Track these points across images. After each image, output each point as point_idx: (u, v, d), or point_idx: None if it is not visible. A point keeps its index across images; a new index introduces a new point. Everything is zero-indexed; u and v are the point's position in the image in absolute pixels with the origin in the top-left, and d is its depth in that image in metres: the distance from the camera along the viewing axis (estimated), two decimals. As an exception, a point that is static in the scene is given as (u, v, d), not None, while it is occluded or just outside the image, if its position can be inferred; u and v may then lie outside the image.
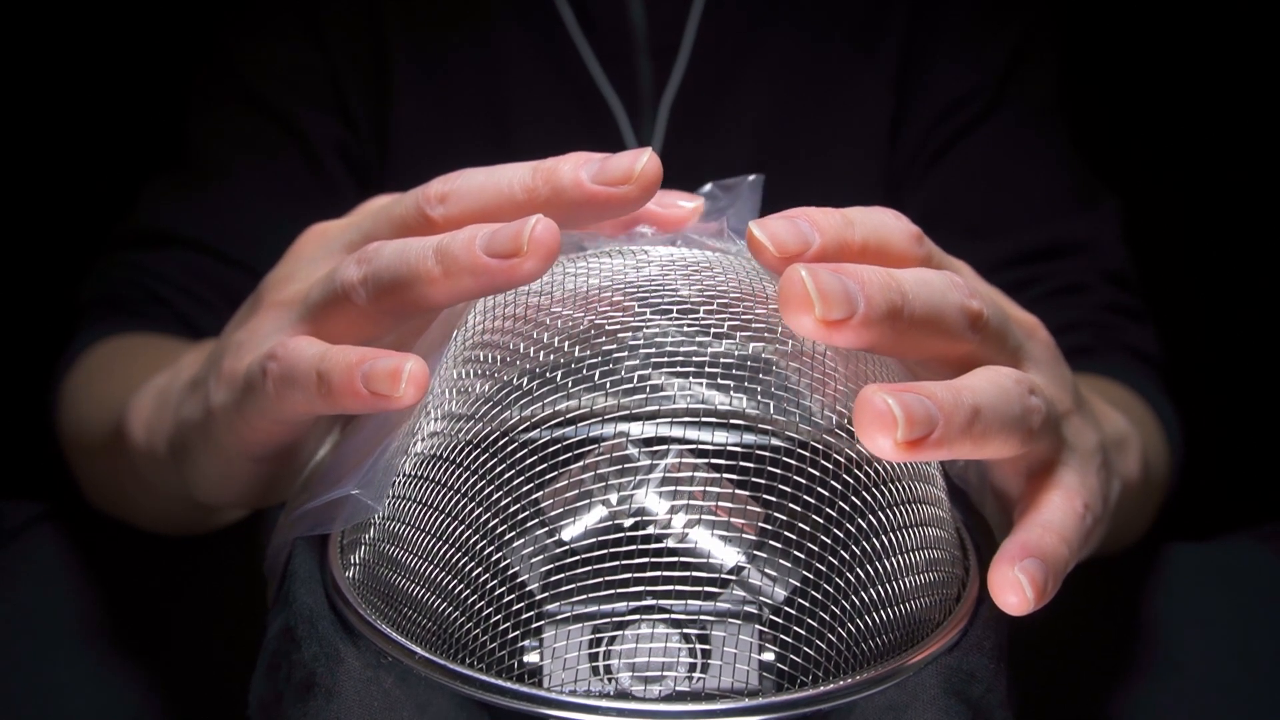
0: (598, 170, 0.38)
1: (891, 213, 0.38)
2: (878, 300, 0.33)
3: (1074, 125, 0.78)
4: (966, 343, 0.37)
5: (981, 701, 0.35)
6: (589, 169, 0.38)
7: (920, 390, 0.33)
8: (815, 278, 0.32)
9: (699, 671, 0.34)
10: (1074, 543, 0.37)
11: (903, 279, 0.34)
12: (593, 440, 0.35)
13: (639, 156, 0.37)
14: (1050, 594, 0.36)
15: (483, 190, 0.39)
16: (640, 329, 0.36)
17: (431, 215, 0.39)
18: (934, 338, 0.36)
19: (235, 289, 0.69)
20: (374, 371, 0.35)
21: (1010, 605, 0.35)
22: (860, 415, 0.32)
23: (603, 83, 0.74)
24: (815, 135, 0.76)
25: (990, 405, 0.34)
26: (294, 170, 0.73)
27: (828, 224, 0.36)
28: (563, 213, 0.38)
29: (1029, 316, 0.42)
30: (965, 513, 0.42)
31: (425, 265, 0.36)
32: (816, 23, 0.76)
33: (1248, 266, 1.07)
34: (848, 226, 0.36)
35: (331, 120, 0.75)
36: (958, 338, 0.36)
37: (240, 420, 0.40)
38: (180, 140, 0.75)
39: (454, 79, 0.75)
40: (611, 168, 0.37)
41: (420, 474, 0.37)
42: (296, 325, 0.40)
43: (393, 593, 0.36)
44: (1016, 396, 0.36)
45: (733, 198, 0.42)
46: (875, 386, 0.32)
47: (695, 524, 0.36)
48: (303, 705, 0.34)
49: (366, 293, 0.38)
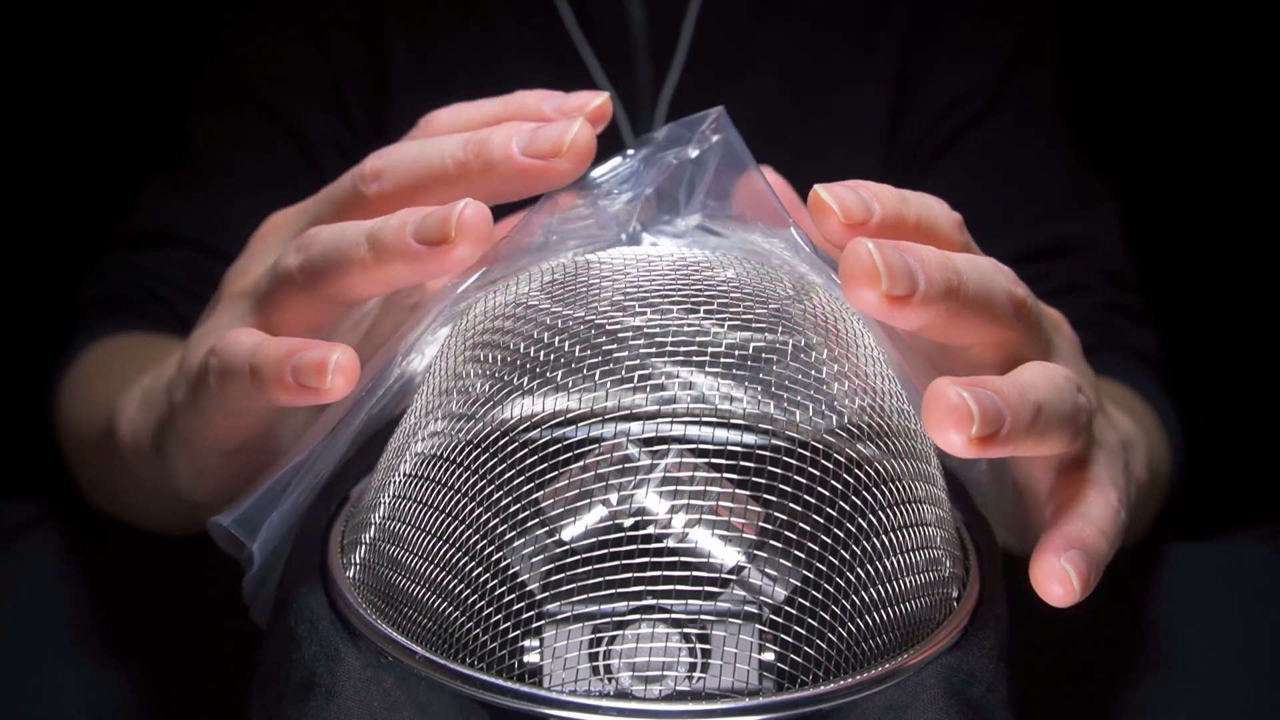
0: (528, 142, 0.37)
1: (936, 198, 0.38)
2: (936, 278, 0.33)
3: (1074, 125, 0.78)
4: (1011, 329, 0.37)
5: (981, 701, 0.35)
6: (520, 140, 0.37)
7: (988, 385, 0.32)
8: (881, 251, 0.32)
9: (699, 671, 0.34)
10: (1111, 537, 0.37)
11: (957, 259, 0.34)
12: (593, 440, 0.35)
13: (569, 126, 0.37)
14: (1092, 586, 0.35)
15: (415, 165, 0.38)
16: (641, 328, 0.36)
17: (366, 193, 0.39)
18: (983, 321, 0.35)
19: None
20: (301, 364, 0.35)
21: (1055, 596, 0.35)
22: (932, 409, 0.32)
23: (601, 81, 0.74)
24: (814, 133, 0.76)
25: (1048, 402, 0.34)
26: (293, 170, 0.73)
27: (886, 197, 0.35)
28: (496, 187, 0.37)
29: (1055, 311, 0.42)
30: (965, 513, 0.42)
31: (358, 252, 0.36)
32: (815, 20, 0.76)
33: (1248, 266, 1.06)
34: (903, 203, 0.36)
35: (331, 119, 0.75)
36: (1004, 323, 0.36)
37: (198, 416, 0.40)
38: (179, 140, 0.75)
39: (453, 78, 0.75)
40: (542, 139, 0.37)
41: (420, 474, 0.37)
42: (249, 317, 0.40)
43: (393, 592, 0.36)
44: (1069, 394, 0.36)
45: (701, 139, 0.41)
46: (947, 380, 0.32)
47: (695, 524, 0.36)
48: (303, 705, 0.34)
49: (303, 280, 0.37)
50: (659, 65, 0.75)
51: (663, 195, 0.42)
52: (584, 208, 0.41)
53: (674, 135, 0.41)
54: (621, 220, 0.41)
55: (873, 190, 0.35)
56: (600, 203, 0.41)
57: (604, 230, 0.41)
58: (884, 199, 0.35)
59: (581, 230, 0.41)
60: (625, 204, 0.41)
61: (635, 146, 0.41)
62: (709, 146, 0.41)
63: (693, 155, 0.41)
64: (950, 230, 0.37)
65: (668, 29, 0.75)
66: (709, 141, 0.41)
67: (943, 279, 0.33)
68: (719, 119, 0.41)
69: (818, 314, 0.38)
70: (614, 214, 0.41)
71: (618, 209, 0.41)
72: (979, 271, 0.35)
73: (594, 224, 0.41)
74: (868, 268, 0.32)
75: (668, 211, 0.42)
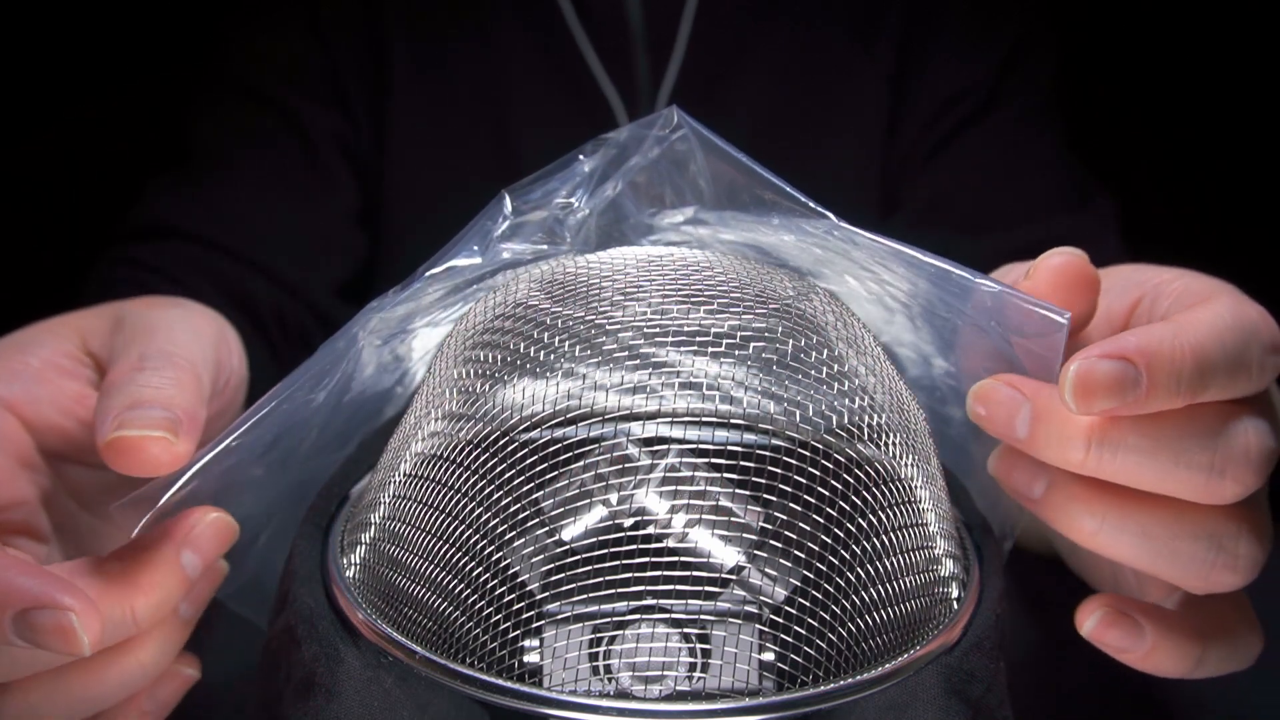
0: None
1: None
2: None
3: (1073, 125, 0.78)
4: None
5: (981, 701, 0.35)
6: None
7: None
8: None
9: (699, 671, 0.34)
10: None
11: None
12: (593, 440, 0.35)
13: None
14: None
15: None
16: (641, 328, 0.36)
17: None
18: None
19: (231, 280, 0.69)
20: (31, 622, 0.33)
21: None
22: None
23: (600, 75, 0.75)
24: (812, 129, 0.76)
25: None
26: (293, 163, 0.74)
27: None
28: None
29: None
30: (965, 513, 0.42)
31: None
32: (813, 18, 0.76)
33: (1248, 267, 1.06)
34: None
35: (332, 113, 0.75)
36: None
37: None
38: (180, 134, 0.75)
39: (453, 71, 0.75)
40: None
41: (420, 474, 0.37)
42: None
43: (393, 592, 0.36)
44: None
45: (660, 140, 0.41)
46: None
47: (695, 524, 0.36)
48: (303, 705, 0.34)
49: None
50: (657, 60, 0.75)
51: (640, 194, 0.42)
52: (538, 215, 0.41)
53: (635, 135, 0.41)
54: (574, 229, 0.42)
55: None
56: (557, 206, 0.41)
57: (555, 242, 0.41)
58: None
59: (532, 252, 0.41)
60: (585, 212, 0.41)
61: (590, 150, 0.41)
62: (669, 144, 0.41)
63: (653, 155, 0.41)
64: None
65: (666, 24, 0.75)
66: (668, 140, 0.41)
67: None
68: (670, 115, 0.41)
69: (818, 314, 0.38)
70: (573, 224, 0.41)
71: (580, 218, 0.41)
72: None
73: (543, 237, 0.41)
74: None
75: (651, 208, 0.43)
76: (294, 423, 0.40)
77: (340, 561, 0.38)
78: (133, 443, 0.36)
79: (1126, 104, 1.07)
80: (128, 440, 0.36)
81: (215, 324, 0.48)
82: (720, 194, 0.42)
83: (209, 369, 0.43)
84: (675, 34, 0.75)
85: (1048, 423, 0.35)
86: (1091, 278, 0.38)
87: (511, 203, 0.41)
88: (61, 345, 0.43)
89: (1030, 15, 0.77)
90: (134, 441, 0.36)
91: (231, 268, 0.69)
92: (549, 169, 0.41)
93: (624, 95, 0.75)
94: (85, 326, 0.44)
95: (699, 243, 0.43)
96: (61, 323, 0.45)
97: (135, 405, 0.37)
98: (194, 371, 0.41)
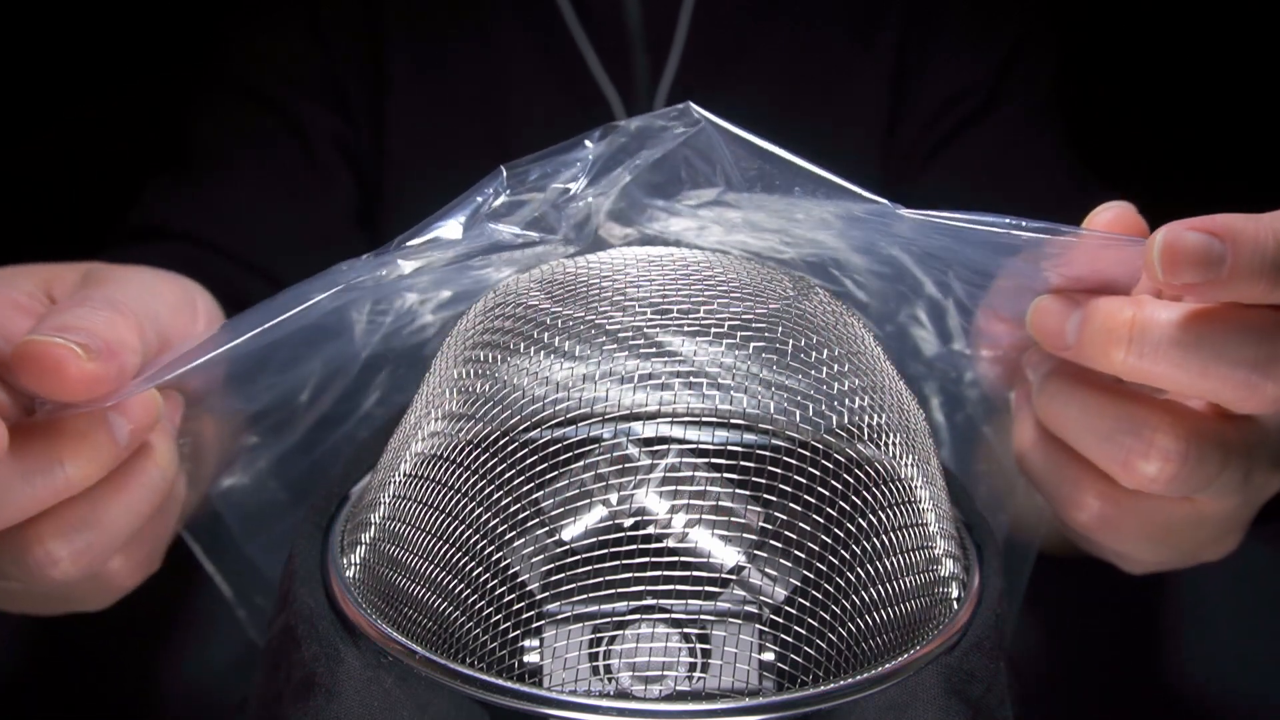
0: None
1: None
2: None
3: (1073, 125, 0.78)
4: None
5: (981, 701, 0.35)
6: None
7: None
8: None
9: (699, 671, 0.34)
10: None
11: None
12: (593, 440, 0.35)
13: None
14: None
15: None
16: (640, 328, 0.36)
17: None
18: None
19: (227, 281, 0.69)
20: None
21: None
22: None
23: (600, 75, 0.75)
24: (811, 129, 0.76)
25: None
26: (292, 163, 0.73)
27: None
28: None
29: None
30: (965, 513, 0.42)
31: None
32: (812, 17, 0.76)
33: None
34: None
35: (329, 113, 0.75)
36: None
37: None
38: (179, 134, 0.75)
39: (451, 71, 0.76)
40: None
41: (420, 474, 0.37)
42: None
43: (393, 592, 0.36)
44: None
45: (673, 133, 0.41)
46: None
47: (695, 524, 0.36)
48: (303, 705, 0.34)
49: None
50: (656, 59, 0.75)
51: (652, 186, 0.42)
52: (534, 198, 0.40)
53: (645, 126, 0.41)
54: (578, 221, 0.41)
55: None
56: (556, 193, 0.40)
57: (548, 231, 0.41)
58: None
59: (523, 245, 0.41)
60: (592, 198, 0.41)
61: (598, 136, 0.41)
62: (685, 135, 0.41)
63: (668, 147, 0.41)
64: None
65: (665, 24, 0.75)
66: (679, 132, 0.41)
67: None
68: (687, 110, 0.41)
69: (818, 314, 0.38)
70: (571, 212, 0.41)
71: (579, 206, 0.41)
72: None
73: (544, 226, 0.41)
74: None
75: (663, 197, 0.42)
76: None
77: (340, 561, 0.38)
78: (41, 348, 0.34)
79: (1126, 104, 1.07)
80: (36, 346, 0.34)
81: (182, 291, 0.47)
82: (749, 179, 0.42)
83: (154, 325, 0.42)
84: (674, 34, 0.75)
85: (1091, 322, 0.38)
86: (1143, 227, 0.39)
87: (508, 178, 0.40)
88: (24, 284, 0.42)
89: (1030, 15, 0.77)
90: (42, 347, 0.34)
91: (230, 268, 0.69)
92: (552, 149, 0.41)
93: (623, 95, 0.75)
94: (53, 275, 0.44)
95: (727, 225, 0.43)
96: (33, 268, 0.44)
97: (59, 329, 0.36)
98: (134, 320, 0.39)
